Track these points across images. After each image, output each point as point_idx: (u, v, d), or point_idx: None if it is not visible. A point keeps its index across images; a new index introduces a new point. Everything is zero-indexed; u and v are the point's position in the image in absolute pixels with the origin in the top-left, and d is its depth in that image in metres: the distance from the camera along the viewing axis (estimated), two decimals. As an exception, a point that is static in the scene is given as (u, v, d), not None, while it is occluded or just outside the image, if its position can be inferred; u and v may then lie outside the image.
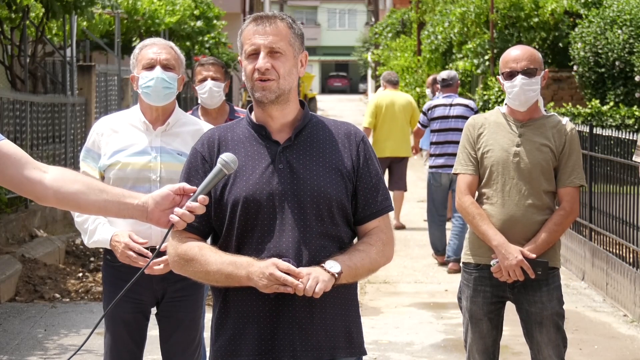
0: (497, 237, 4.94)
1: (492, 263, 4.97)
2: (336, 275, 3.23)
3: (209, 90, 6.06)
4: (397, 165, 13.26)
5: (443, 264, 10.93)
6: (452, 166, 10.33)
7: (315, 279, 3.18)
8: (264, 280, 3.18)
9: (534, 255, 4.91)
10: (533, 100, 5.03)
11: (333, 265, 3.24)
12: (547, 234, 4.94)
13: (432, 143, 10.90)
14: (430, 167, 10.94)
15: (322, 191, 3.31)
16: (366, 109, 13.74)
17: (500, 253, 4.92)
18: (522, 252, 4.90)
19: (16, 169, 3.19)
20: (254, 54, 3.32)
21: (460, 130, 10.34)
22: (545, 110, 5.13)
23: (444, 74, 11.16)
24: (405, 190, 13.59)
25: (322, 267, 3.24)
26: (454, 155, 10.39)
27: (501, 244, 4.92)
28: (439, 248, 11.00)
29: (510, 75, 5.00)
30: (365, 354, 3.45)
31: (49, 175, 3.21)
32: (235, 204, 3.30)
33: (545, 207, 5.00)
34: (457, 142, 10.07)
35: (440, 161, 10.75)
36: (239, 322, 3.32)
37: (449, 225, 11.42)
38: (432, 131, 10.87)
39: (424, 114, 11.09)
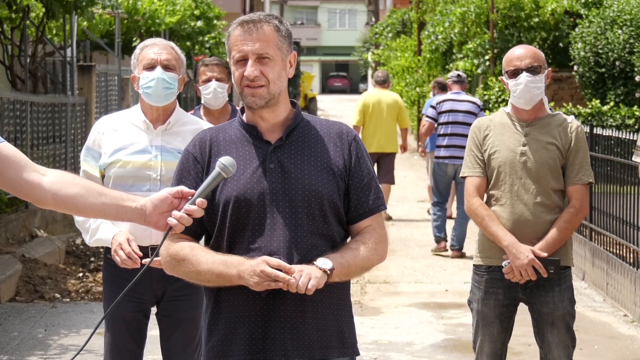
0: (508, 237, 4.92)
1: (503, 264, 4.96)
2: (328, 271, 3.23)
3: (214, 91, 6.05)
4: (384, 161, 13.82)
5: (442, 250, 11.54)
6: (457, 157, 11.13)
7: (307, 275, 3.18)
8: (255, 278, 3.18)
9: (545, 254, 4.89)
10: (538, 99, 5.02)
11: (325, 262, 3.24)
12: (558, 233, 4.93)
13: (439, 135, 11.53)
14: (436, 157, 11.59)
15: (313, 190, 3.31)
16: (355, 107, 14.35)
17: (511, 253, 4.90)
18: (533, 252, 4.89)
19: (15, 171, 3.18)
20: (242, 60, 3.32)
21: (468, 124, 10.98)
22: (550, 109, 5.13)
23: (454, 72, 11.91)
24: (393, 183, 14.11)
25: (314, 264, 3.24)
26: (460, 147, 11.10)
27: (512, 244, 4.90)
28: (440, 232, 11.59)
29: (515, 73, 5.00)
30: (358, 354, 3.44)
31: (48, 178, 3.21)
32: (226, 204, 3.31)
33: (554, 205, 4.99)
34: (464, 135, 10.89)
35: (446, 152, 11.43)
36: (231, 322, 3.32)
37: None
38: (440, 124, 11.52)
39: (433, 107, 11.70)
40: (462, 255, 11.46)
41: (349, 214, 3.40)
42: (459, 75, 11.73)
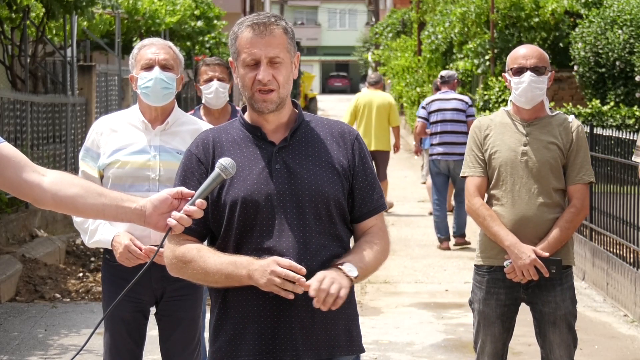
0: (509, 237, 4.92)
1: (505, 264, 4.95)
2: (353, 279, 3.26)
3: (215, 91, 6.03)
4: (378, 159, 14.29)
5: (446, 248, 11.97)
6: (449, 154, 11.87)
7: (339, 285, 3.19)
8: (264, 279, 3.18)
9: (547, 254, 4.89)
10: (539, 99, 5.02)
11: (351, 269, 3.25)
12: (559, 232, 4.92)
13: (431, 134, 12.19)
14: (430, 154, 12.27)
15: (319, 190, 3.31)
16: (347, 108, 15.00)
17: (513, 253, 4.90)
18: (535, 251, 4.89)
19: (15, 171, 3.18)
20: (254, 65, 3.31)
21: (456, 121, 11.98)
22: (550, 110, 5.12)
23: (443, 72, 12.57)
24: (384, 179, 14.57)
25: (341, 269, 3.24)
26: (451, 143, 11.88)
27: (514, 244, 4.90)
28: (442, 233, 12.05)
29: (519, 71, 4.99)
30: (363, 351, 3.45)
31: (48, 179, 3.20)
32: (233, 205, 3.30)
33: (555, 205, 4.98)
34: (454, 132, 11.91)
35: (439, 149, 12.04)
36: (239, 323, 3.32)
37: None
38: (431, 123, 12.17)
39: (423, 108, 12.39)
40: (465, 243, 11.96)
41: (353, 213, 3.41)
42: (442, 76, 12.42)
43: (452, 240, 12.21)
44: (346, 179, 3.37)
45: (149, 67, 4.70)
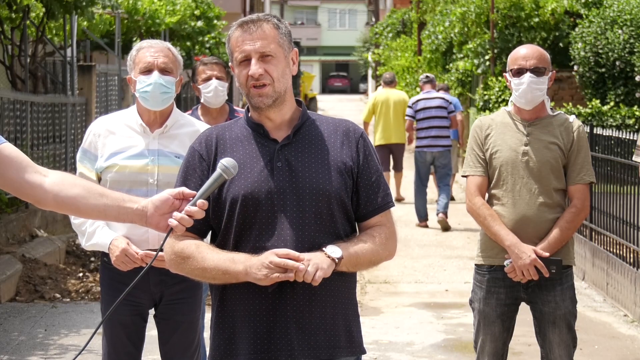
0: (510, 237, 4.92)
1: (505, 263, 4.95)
2: (336, 260, 3.22)
3: (214, 89, 5.98)
4: (395, 151, 16.05)
5: (424, 226, 13.68)
6: (434, 146, 13.30)
7: (315, 265, 3.17)
8: (264, 270, 3.16)
9: (547, 254, 4.89)
10: (539, 100, 5.02)
11: (334, 251, 3.23)
12: (560, 232, 4.92)
13: (417, 129, 13.76)
14: (417, 147, 13.88)
15: (320, 188, 3.30)
16: (365, 105, 16.75)
17: (513, 253, 4.90)
18: (535, 251, 4.89)
19: (16, 172, 3.18)
20: (245, 61, 3.32)
21: (440, 117, 13.52)
22: (551, 109, 5.12)
23: (423, 75, 14.34)
24: (401, 170, 16.34)
25: (323, 252, 3.23)
26: (436, 137, 13.48)
27: (514, 243, 4.90)
28: (422, 214, 13.86)
29: (519, 73, 4.99)
30: (364, 352, 3.43)
31: (49, 179, 3.20)
32: (234, 202, 3.30)
33: (556, 205, 4.98)
34: (438, 127, 13.57)
35: (424, 142, 13.68)
36: (236, 321, 3.31)
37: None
38: (418, 120, 13.71)
39: (410, 107, 13.90)
40: (446, 223, 13.38)
41: (358, 211, 3.39)
42: (427, 76, 14.11)
43: (435, 221, 13.64)
44: (350, 177, 3.36)
45: (147, 71, 4.64)
